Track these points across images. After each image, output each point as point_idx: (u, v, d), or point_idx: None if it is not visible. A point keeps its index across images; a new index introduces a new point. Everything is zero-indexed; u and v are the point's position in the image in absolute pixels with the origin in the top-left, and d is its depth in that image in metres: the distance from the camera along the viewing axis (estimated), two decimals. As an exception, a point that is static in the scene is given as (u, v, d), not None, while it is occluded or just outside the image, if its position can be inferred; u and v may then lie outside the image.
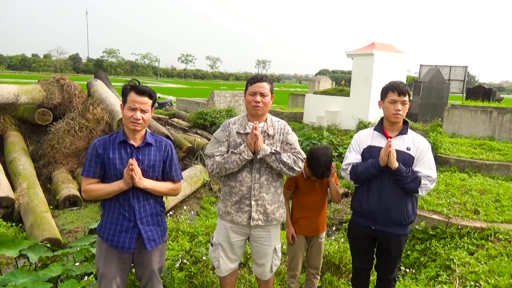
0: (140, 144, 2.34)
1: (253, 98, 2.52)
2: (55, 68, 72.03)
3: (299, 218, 2.92)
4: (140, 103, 2.27)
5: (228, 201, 2.60)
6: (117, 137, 2.34)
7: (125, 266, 2.39)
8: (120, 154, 2.30)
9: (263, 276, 2.77)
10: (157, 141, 2.42)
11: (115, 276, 2.33)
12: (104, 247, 2.34)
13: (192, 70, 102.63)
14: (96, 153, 2.29)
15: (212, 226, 4.22)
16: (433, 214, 4.76)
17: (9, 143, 7.78)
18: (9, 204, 5.80)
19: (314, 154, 2.79)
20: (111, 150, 2.30)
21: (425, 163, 2.55)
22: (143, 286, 2.50)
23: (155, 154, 2.37)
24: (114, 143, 2.32)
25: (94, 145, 2.33)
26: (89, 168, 2.29)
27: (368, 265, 2.83)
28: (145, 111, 2.29)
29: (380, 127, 2.68)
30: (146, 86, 2.36)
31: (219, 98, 15.99)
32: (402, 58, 11.64)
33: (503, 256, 3.72)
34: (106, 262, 2.33)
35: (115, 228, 2.30)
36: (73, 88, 8.78)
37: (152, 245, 2.36)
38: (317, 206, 2.92)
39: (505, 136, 10.07)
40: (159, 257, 2.48)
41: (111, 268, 2.32)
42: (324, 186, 2.96)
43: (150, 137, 2.40)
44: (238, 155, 2.45)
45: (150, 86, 2.49)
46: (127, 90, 2.32)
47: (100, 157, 2.29)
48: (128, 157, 2.29)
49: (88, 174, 2.29)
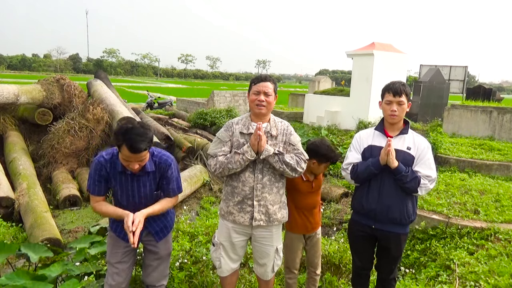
0: (140, 173, 2.39)
1: (257, 97, 2.52)
2: (55, 68, 72.03)
3: (297, 218, 2.94)
4: (137, 159, 2.23)
5: (231, 201, 2.61)
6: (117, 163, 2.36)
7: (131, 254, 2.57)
8: (121, 181, 2.41)
9: (264, 276, 2.77)
10: (155, 163, 2.43)
11: (121, 263, 2.52)
12: (113, 237, 2.55)
13: (192, 70, 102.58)
14: (99, 174, 2.38)
15: (212, 226, 4.22)
16: (433, 214, 4.76)
17: (9, 143, 7.78)
18: (9, 204, 5.79)
19: (314, 144, 2.88)
20: (112, 177, 2.40)
21: (425, 163, 2.55)
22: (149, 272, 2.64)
23: (154, 178, 2.45)
24: (116, 168, 2.36)
25: (97, 165, 2.37)
26: (93, 186, 2.39)
27: (368, 265, 2.83)
28: (142, 161, 2.29)
29: (381, 126, 2.69)
30: (140, 136, 2.14)
31: (219, 98, 15.99)
32: (402, 58, 11.64)
33: (503, 256, 3.72)
34: (113, 250, 2.53)
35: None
36: (73, 88, 8.78)
37: (160, 236, 2.59)
38: (314, 206, 2.96)
39: (505, 136, 10.07)
40: (166, 245, 2.66)
41: (117, 256, 2.51)
42: (319, 185, 3.00)
43: (150, 163, 2.39)
44: (241, 155, 2.46)
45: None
46: (119, 143, 2.19)
47: (103, 177, 2.39)
48: (128, 184, 2.39)
49: (93, 192, 2.42)
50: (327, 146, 2.87)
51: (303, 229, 2.95)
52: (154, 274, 2.64)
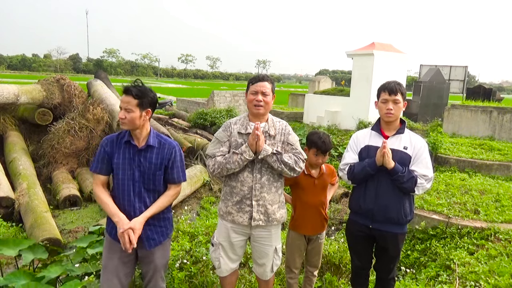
0: (142, 146, 2.37)
1: (254, 97, 2.53)
2: (55, 68, 72.03)
3: (299, 216, 2.93)
4: (124, 103, 2.32)
5: (229, 201, 2.60)
6: (124, 136, 2.41)
7: (128, 260, 2.41)
8: (124, 155, 2.37)
9: (263, 276, 2.77)
10: (161, 142, 2.43)
11: (117, 269, 2.37)
12: (109, 240, 2.42)
13: (192, 70, 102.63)
14: (104, 150, 2.39)
15: (212, 226, 4.22)
16: (433, 214, 4.76)
17: (9, 143, 7.78)
18: (9, 204, 5.80)
19: (311, 133, 2.92)
20: (117, 152, 2.38)
21: (422, 162, 2.56)
22: (146, 283, 2.51)
23: (156, 157, 2.39)
24: (121, 142, 2.40)
25: (103, 141, 2.43)
26: (96, 164, 2.40)
27: (367, 264, 2.83)
28: (128, 110, 2.30)
29: (378, 126, 2.70)
30: (136, 86, 2.35)
31: (219, 98, 15.99)
32: (402, 58, 11.64)
33: (503, 256, 3.72)
34: (109, 254, 2.40)
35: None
36: (73, 88, 8.78)
37: (151, 243, 2.40)
38: (317, 205, 2.93)
39: (505, 136, 10.07)
40: (162, 253, 2.50)
41: (113, 260, 2.37)
42: (324, 185, 2.96)
43: (154, 138, 2.42)
44: (239, 155, 2.46)
45: (150, 86, 2.49)
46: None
47: (107, 154, 2.38)
48: (131, 159, 2.36)
49: (96, 170, 2.39)
50: (318, 133, 2.89)
51: (306, 229, 2.94)
52: (150, 285, 2.50)
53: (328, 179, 2.99)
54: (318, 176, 2.92)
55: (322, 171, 2.95)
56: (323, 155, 2.86)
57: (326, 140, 2.85)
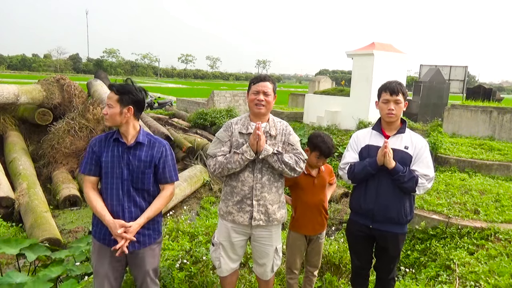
0: (131, 143, 2.36)
1: (256, 96, 2.53)
2: (55, 68, 72.02)
3: (299, 216, 2.93)
4: (107, 98, 2.34)
5: (230, 201, 2.61)
6: (113, 135, 2.40)
7: (118, 264, 2.39)
8: (112, 153, 2.34)
9: (264, 276, 2.78)
10: (150, 141, 2.42)
11: (107, 274, 2.35)
12: (97, 245, 2.38)
13: (192, 70, 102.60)
14: (92, 150, 2.36)
15: (212, 226, 4.21)
16: (433, 214, 4.76)
17: (9, 143, 7.78)
18: (9, 204, 5.80)
19: (314, 136, 2.89)
20: (105, 150, 2.35)
21: (423, 161, 2.56)
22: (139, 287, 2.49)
23: (145, 154, 2.37)
24: (110, 140, 2.38)
25: (92, 141, 2.41)
26: (85, 165, 2.36)
27: (367, 264, 2.83)
28: (110, 105, 2.31)
29: (378, 126, 2.70)
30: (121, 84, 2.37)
31: (219, 98, 15.99)
32: (402, 58, 11.64)
33: (503, 256, 3.72)
34: (99, 259, 2.36)
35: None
36: (73, 88, 8.79)
37: (135, 246, 2.35)
38: (317, 205, 2.93)
39: (505, 136, 10.07)
40: (152, 258, 2.46)
41: (104, 265, 2.35)
42: (323, 184, 2.97)
43: (143, 136, 2.41)
44: (240, 155, 2.46)
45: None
46: None
47: (96, 154, 2.35)
48: (120, 156, 2.33)
49: (85, 171, 2.35)
50: (322, 136, 2.88)
51: (307, 229, 2.94)
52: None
53: (326, 178, 3.01)
54: (317, 175, 2.93)
55: (321, 170, 2.96)
56: (325, 159, 2.88)
57: (330, 145, 2.85)
